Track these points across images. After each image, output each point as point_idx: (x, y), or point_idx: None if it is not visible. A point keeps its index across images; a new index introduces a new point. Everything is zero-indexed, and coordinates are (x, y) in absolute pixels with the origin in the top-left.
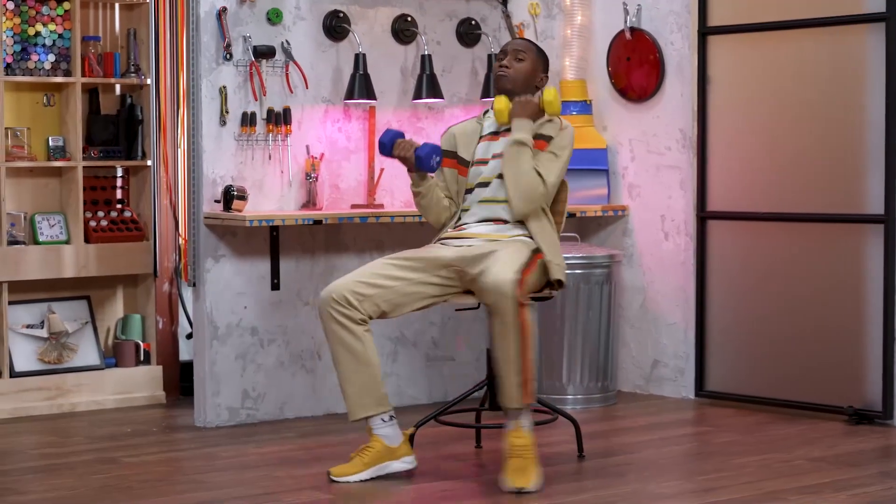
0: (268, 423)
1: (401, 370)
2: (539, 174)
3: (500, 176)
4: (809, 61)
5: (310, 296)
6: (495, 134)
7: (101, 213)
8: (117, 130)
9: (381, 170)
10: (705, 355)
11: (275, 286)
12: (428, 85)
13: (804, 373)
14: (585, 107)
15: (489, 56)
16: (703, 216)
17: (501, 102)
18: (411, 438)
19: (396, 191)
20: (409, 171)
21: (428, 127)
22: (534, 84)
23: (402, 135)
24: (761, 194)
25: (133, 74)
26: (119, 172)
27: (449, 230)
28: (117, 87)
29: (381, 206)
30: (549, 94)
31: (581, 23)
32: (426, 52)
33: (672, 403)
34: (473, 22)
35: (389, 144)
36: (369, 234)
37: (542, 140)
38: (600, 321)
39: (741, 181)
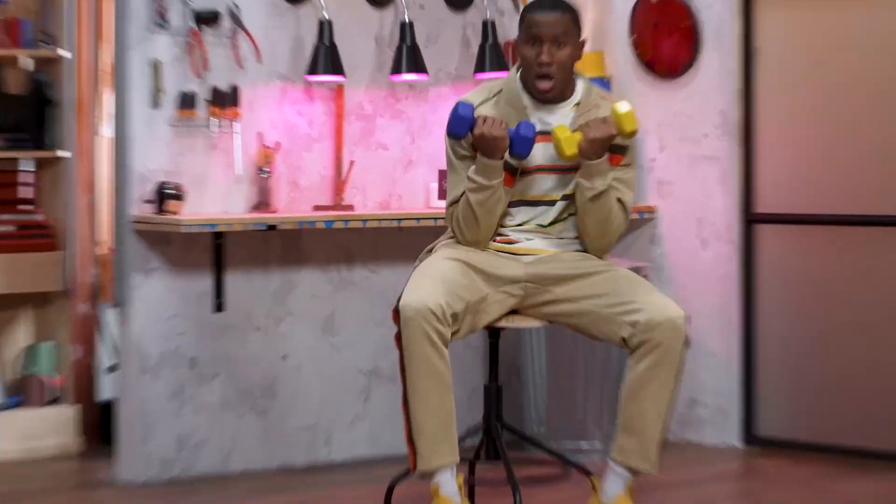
0: (209, 478)
1: (375, 411)
2: (621, 202)
3: (566, 197)
4: (883, 30)
5: (261, 319)
6: (545, 133)
7: (3, 216)
8: (25, 114)
9: (352, 163)
10: (754, 392)
11: (218, 307)
12: (409, 58)
13: (876, 413)
14: (603, 84)
15: (485, 24)
16: (750, 219)
17: (571, 141)
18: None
19: (369, 187)
20: (487, 155)
21: (408, 109)
22: (574, 64)
23: (473, 106)
24: (821, 193)
25: (45, 45)
26: (26, 166)
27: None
28: (26, 61)
29: (351, 207)
30: (627, 114)
31: None
32: (406, 19)
33: (714, 453)
34: None
35: (470, 118)
36: (336, 241)
37: (617, 154)
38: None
39: (797, 176)
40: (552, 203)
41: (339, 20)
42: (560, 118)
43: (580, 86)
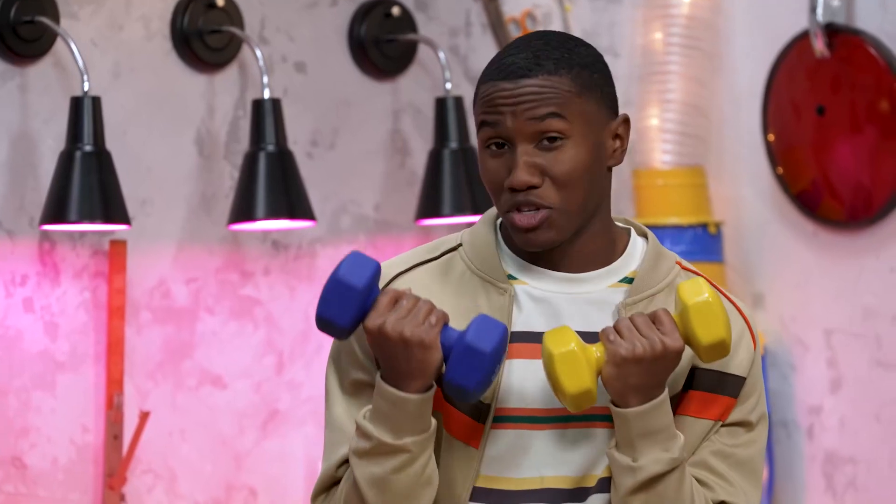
0: None
1: None
2: None
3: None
4: None
5: None
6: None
7: None
8: None
9: (144, 415)
10: None
11: None
12: (272, 186)
13: None
14: (705, 239)
15: (439, 102)
16: None
17: (579, 365)
18: None
19: (184, 470)
20: (393, 381)
21: (269, 297)
22: (604, 169)
23: (377, 269)
24: None
25: None
26: None
27: None
28: None
29: None
30: (704, 304)
31: (688, 12)
32: (266, 91)
33: None
34: (395, 10)
35: (361, 289)
36: None
37: (723, 394)
38: None
39: None
40: (577, 496)
41: (118, 95)
42: (585, 310)
43: (637, 244)
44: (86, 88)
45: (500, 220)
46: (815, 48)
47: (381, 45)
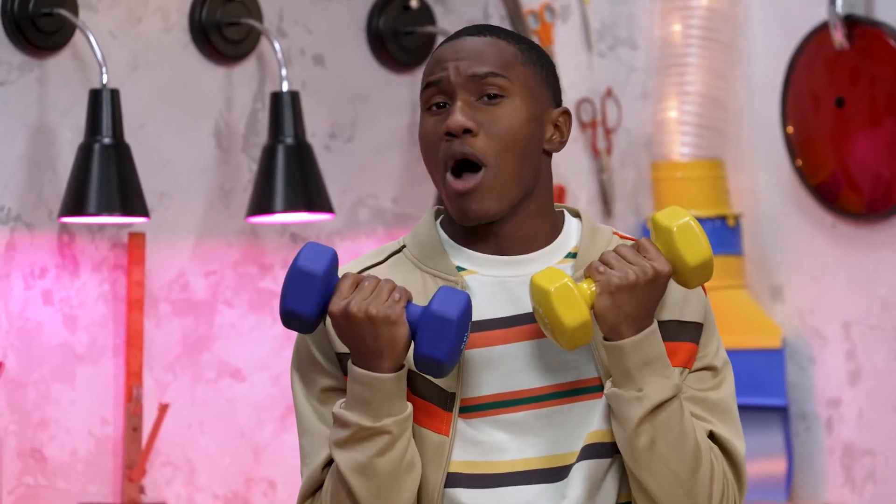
0: None
1: None
2: (716, 439)
3: (599, 450)
4: None
5: None
6: (513, 323)
7: None
8: None
9: (163, 408)
10: None
11: None
12: (291, 177)
13: None
14: (723, 232)
15: None
16: None
17: (572, 298)
18: None
19: (203, 464)
20: (363, 363)
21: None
22: (540, 148)
23: (335, 256)
24: None
25: None
26: None
27: None
28: None
29: None
30: (684, 228)
31: (706, 3)
32: (284, 84)
33: None
34: (413, 2)
35: (320, 274)
36: None
37: (684, 341)
38: None
39: None
40: (558, 474)
41: (136, 87)
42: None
43: (572, 223)
44: (104, 81)
45: (439, 219)
46: (834, 40)
47: (400, 38)
